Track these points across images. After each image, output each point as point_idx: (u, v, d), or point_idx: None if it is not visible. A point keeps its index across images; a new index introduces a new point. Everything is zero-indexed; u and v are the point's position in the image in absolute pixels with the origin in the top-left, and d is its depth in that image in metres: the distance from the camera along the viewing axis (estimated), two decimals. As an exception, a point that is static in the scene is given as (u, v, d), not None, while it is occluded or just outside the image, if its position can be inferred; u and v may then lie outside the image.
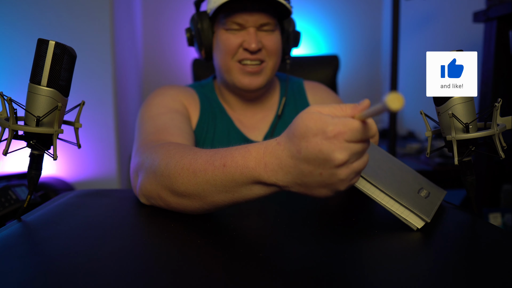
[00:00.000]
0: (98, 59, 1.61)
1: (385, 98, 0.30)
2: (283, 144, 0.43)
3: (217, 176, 0.49)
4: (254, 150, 0.46)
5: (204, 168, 0.50)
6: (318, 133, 0.39)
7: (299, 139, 0.40)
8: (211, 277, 0.39)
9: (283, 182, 0.44)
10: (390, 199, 0.51)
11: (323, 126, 0.39)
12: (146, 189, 0.60)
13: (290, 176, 0.42)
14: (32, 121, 0.53)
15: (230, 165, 0.47)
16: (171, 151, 0.58)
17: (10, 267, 0.41)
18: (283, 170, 0.43)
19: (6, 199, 1.10)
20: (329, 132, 0.38)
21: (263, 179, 0.45)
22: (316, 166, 0.40)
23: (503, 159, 0.52)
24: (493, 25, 1.22)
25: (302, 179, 0.42)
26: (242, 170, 0.46)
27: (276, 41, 0.83)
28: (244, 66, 0.82)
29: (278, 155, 0.43)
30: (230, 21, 0.80)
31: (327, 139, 0.38)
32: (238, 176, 0.47)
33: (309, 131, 0.39)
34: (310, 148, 0.39)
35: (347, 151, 0.38)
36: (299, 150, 0.40)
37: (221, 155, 0.49)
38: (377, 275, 0.40)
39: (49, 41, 0.52)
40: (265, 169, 0.44)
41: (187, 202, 0.54)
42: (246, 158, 0.46)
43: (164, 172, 0.55)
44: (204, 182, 0.50)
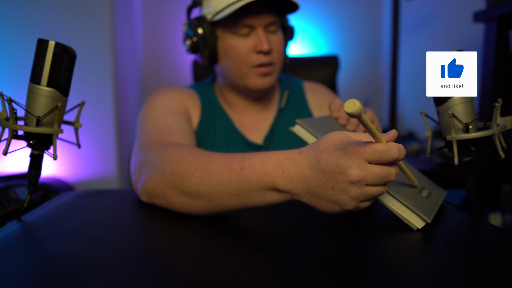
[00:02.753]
0: (98, 59, 1.61)
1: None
2: (305, 153, 0.44)
3: (232, 179, 0.49)
4: (274, 156, 0.47)
5: (220, 170, 0.51)
6: (340, 148, 0.40)
7: (321, 150, 0.42)
8: (211, 276, 0.39)
9: (296, 190, 0.44)
10: (392, 198, 0.51)
11: (346, 143, 0.40)
12: (150, 187, 0.59)
13: (304, 184, 0.43)
14: (32, 121, 0.53)
15: (248, 168, 0.48)
16: (183, 151, 0.58)
17: (10, 267, 0.41)
18: (299, 177, 0.44)
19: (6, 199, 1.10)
20: (351, 148, 0.40)
21: (278, 185, 0.45)
22: (330, 178, 0.41)
23: (503, 159, 0.52)
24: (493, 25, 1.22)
25: (315, 189, 0.42)
26: (259, 174, 0.47)
27: (281, 40, 0.84)
28: (258, 68, 0.81)
29: (297, 163, 0.44)
30: (240, 24, 0.78)
31: (347, 154, 0.40)
32: (254, 180, 0.47)
33: (333, 144, 0.41)
34: (329, 160, 0.40)
35: (363, 170, 0.39)
36: (318, 160, 0.41)
37: (238, 158, 0.50)
38: (378, 275, 0.40)
39: (49, 41, 0.52)
40: (282, 175, 0.45)
41: (194, 202, 0.54)
42: (265, 163, 0.47)
43: (175, 171, 0.55)
44: (218, 183, 0.50)
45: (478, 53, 0.42)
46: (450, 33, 1.92)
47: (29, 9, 1.55)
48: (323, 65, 1.32)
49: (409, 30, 2.19)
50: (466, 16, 1.50)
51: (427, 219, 0.50)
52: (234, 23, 0.79)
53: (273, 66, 0.83)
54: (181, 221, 0.55)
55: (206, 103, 0.90)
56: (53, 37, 0.54)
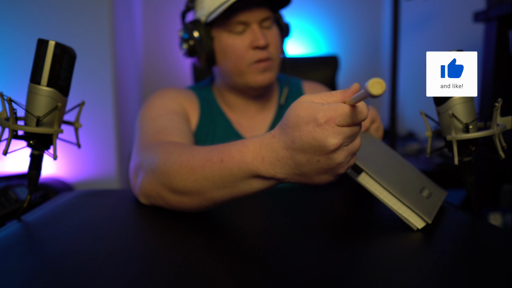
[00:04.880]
0: (98, 59, 1.61)
1: (367, 84, 0.31)
2: (278, 136, 0.43)
3: (215, 172, 0.49)
4: (251, 144, 0.46)
5: (202, 164, 0.51)
6: (309, 121, 0.39)
7: (292, 129, 0.41)
8: (211, 277, 0.39)
9: (281, 175, 0.44)
10: (393, 198, 0.51)
11: (313, 114, 0.39)
12: (145, 188, 0.60)
13: (288, 167, 0.43)
14: (32, 121, 0.53)
15: (228, 160, 0.48)
16: (169, 149, 0.58)
17: (10, 267, 0.41)
18: (280, 162, 0.43)
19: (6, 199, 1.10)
20: (320, 118, 0.39)
21: (261, 173, 0.45)
22: (312, 154, 0.40)
23: (503, 159, 0.52)
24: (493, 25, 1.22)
25: (301, 169, 0.42)
26: (239, 165, 0.46)
27: (277, 35, 0.84)
28: (257, 64, 0.81)
29: (274, 147, 0.43)
30: (233, 21, 0.79)
31: (319, 126, 0.39)
32: (236, 171, 0.47)
33: (301, 120, 0.40)
34: (304, 137, 0.40)
35: (340, 135, 0.39)
36: (293, 140, 0.41)
37: (218, 151, 0.50)
38: (377, 275, 0.40)
39: (49, 41, 0.52)
40: (263, 163, 0.44)
41: (186, 199, 0.54)
42: (243, 153, 0.46)
43: (162, 170, 0.55)
44: (202, 178, 0.50)
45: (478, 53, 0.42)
46: (450, 33, 1.92)
47: (29, 9, 1.55)
48: (323, 65, 1.32)
49: (409, 30, 2.19)
50: (466, 16, 1.50)
51: (427, 219, 0.50)
52: (228, 21, 0.79)
53: (271, 61, 0.82)
54: (181, 221, 0.55)
55: (204, 104, 0.90)
56: (53, 37, 0.54)
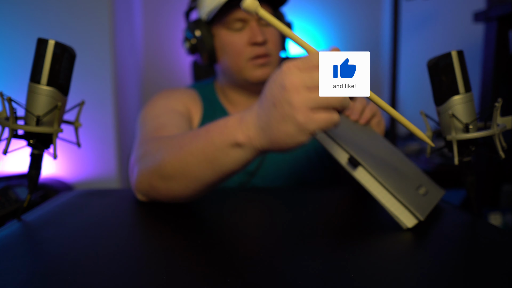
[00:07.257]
0: (98, 59, 1.61)
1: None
2: (258, 101, 0.45)
3: (199, 143, 0.50)
4: (238, 113, 0.48)
5: (190, 139, 0.52)
6: (276, 72, 0.42)
7: (266, 89, 0.43)
8: (211, 277, 0.39)
9: (253, 134, 0.44)
10: (387, 193, 0.51)
11: (280, 67, 0.41)
12: (138, 181, 0.61)
13: (257, 121, 0.44)
14: (32, 120, 0.53)
15: (213, 129, 0.49)
16: (162, 139, 0.60)
17: (10, 267, 0.41)
18: (253, 119, 0.44)
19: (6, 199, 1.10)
20: (284, 67, 0.41)
21: (238, 137, 0.46)
22: (271, 99, 0.41)
23: (503, 159, 0.52)
24: (493, 25, 1.22)
25: (264, 119, 0.43)
26: (221, 130, 0.47)
27: (276, 32, 0.85)
28: (255, 60, 0.82)
29: (252, 108, 0.46)
30: (232, 18, 0.81)
31: (279, 71, 0.41)
32: (217, 137, 0.48)
33: (271, 78, 0.42)
34: (268, 87, 0.42)
35: (297, 75, 0.39)
36: (264, 95, 0.43)
37: (209, 125, 0.51)
38: (376, 276, 0.40)
39: (49, 40, 0.52)
40: (240, 124, 0.45)
41: (174, 184, 0.55)
42: (228, 119, 0.48)
43: (156, 157, 0.57)
44: (188, 153, 0.51)
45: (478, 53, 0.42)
46: (450, 33, 1.92)
47: (29, 9, 1.55)
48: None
49: (409, 30, 2.19)
50: (466, 16, 1.50)
51: (420, 216, 0.50)
52: (227, 18, 0.81)
53: (269, 57, 0.84)
54: (181, 221, 0.55)
55: (207, 102, 0.90)
56: (53, 37, 0.54)
